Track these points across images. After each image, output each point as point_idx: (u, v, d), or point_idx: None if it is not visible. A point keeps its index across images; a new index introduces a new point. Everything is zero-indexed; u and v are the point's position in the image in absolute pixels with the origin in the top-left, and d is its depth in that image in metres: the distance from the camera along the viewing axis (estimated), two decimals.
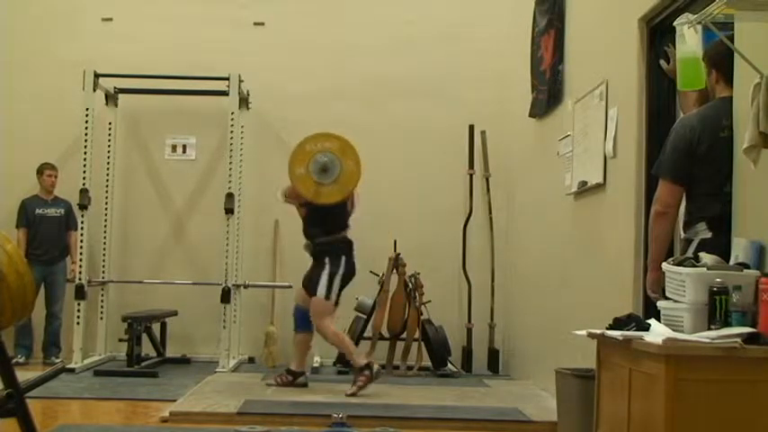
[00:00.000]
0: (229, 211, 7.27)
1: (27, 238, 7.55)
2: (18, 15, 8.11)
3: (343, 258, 6.07)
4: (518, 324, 7.39)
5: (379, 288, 7.23)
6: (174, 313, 7.72)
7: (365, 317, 7.25)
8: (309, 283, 6.08)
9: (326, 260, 6.03)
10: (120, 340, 7.04)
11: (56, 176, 7.69)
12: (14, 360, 6.67)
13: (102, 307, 7.68)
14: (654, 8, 4.47)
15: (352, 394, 5.79)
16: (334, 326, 6.11)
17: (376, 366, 5.99)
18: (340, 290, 6.05)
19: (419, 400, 5.74)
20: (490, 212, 7.98)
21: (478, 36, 8.03)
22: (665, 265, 3.24)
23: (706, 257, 3.13)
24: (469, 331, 7.73)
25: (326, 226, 6.12)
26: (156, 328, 7.54)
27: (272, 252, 8.06)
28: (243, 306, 7.83)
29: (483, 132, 7.98)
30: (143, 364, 7.05)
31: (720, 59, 3.45)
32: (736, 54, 3.30)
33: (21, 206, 7.67)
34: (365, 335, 7.23)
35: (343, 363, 6.78)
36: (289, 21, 8.18)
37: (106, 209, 7.78)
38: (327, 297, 5.99)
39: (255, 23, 8.19)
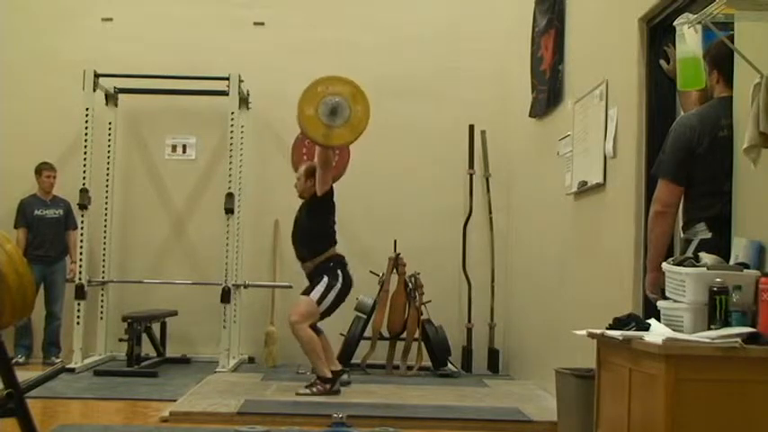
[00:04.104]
0: (229, 211, 7.27)
1: (26, 238, 7.55)
2: (18, 15, 8.11)
3: (340, 272, 6.02)
4: (518, 324, 7.39)
5: (379, 288, 7.23)
6: (174, 313, 7.72)
7: (365, 317, 7.25)
8: (306, 290, 6.03)
9: (325, 276, 5.97)
10: (120, 340, 7.04)
11: (54, 177, 7.69)
12: (14, 360, 6.68)
13: (102, 307, 7.68)
14: (654, 8, 4.47)
15: (302, 394, 5.80)
16: (309, 329, 5.96)
17: (339, 384, 5.96)
18: (333, 303, 5.98)
19: (419, 400, 5.74)
20: (490, 212, 7.98)
21: (478, 36, 8.03)
22: (664, 265, 3.24)
23: (706, 257, 3.13)
24: (469, 331, 7.73)
25: (317, 244, 6.07)
26: (156, 328, 7.54)
27: (272, 252, 8.06)
28: (243, 306, 7.83)
29: (483, 132, 7.98)
30: (143, 364, 7.05)
31: (721, 59, 3.45)
32: (736, 54, 3.30)
33: (19, 206, 7.67)
34: (365, 335, 7.24)
35: (344, 362, 6.76)
36: (289, 21, 8.18)
37: (106, 209, 7.78)
38: (319, 303, 5.92)
39: (255, 23, 8.19)
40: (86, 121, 7.33)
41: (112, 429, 4.91)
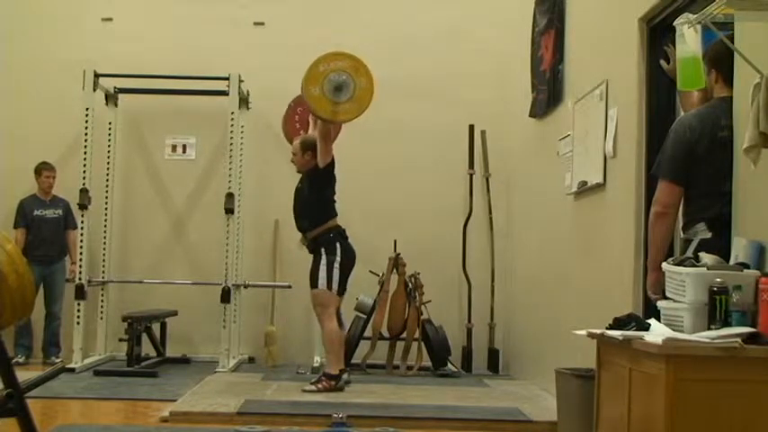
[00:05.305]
0: (229, 211, 7.27)
1: (25, 238, 7.54)
2: (18, 15, 8.10)
3: (338, 246, 6.05)
4: (518, 324, 7.39)
5: (379, 288, 7.23)
6: (174, 313, 7.72)
7: (365, 317, 7.26)
8: (310, 277, 6.07)
9: (322, 250, 6.03)
10: (120, 340, 7.04)
11: (54, 177, 7.69)
12: (14, 360, 6.68)
13: (102, 307, 7.68)
14: (654, 8, 4.47)
15: (307, 391, 5.85)
16: (336, 323, 6.10)
17: (343, 381, 6.01)
18: (342, 279, 6.04)
19: (419, 400, 5.74)
20: (490, 212, 7.98)
21: (478, 36, 8.03)
22: (664, 265, 3.24)
23: (706, 257, 3.13)
24: (469, 331, 7.73)
25: (317, 215, 6.11)
26: (156, 328, 7.54)
27: (272, 252, 8.06)
28: (243, 306, 7.83)
29: (483, 132, 7.98)
30: (143, 364, 7.05)
31: (720, 59, 3.45)
32: (736, 54, 3.30)
33: (19, 206, 7.67)
34: (365, 335, 7.24)
35: (344, 362, 6.76)
36: (289, 21, 8.17)
37: (106, 209, 7.78)
38: (329, 287, 5.98)
39: (255, 23, 8.19)
40: (86, 121, 7.33)
41: (112, 429, 4.90)
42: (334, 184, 6.19)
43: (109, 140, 7.84)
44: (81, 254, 7.33)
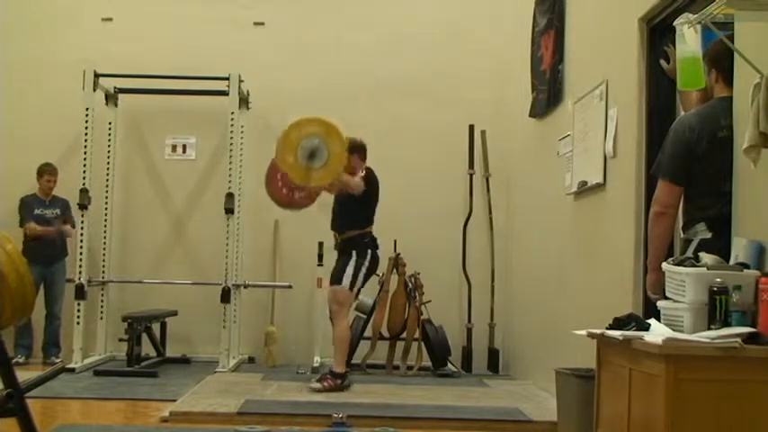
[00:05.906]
0: (229, 211, 7.27)
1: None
2: (18, 15, 8.11)
3: (370, 252, 6.17)
4: (518, 324, 7.39)
5: (379, 288, 7.23)
6: (174, 313, 7.72)
7: (365, 317, 7.26)
8: (335, 274, 6.15)
9: (353, 252, 6.12)
10: (120, 340, 7.04)
11: (55, 181, 7.68)
12: (14, 360, 6.68)
13: (102, 307, 7.68)
14: (654, 8, 4.48)
15: (313, 389, 5.89)
16: (347, 323, 6.20)
17: (348, 381, 6.06)
18: (363, 282, 6.18)
19: (419, 400, 5.74)
20: (490, 212, 7.98)
21: (478, 36, 8.04)
22: (664, 265, 3.24)
23: (706, 257, 3.13)
24: (469, 331, 7.73)
25: (356, 219, 6.20)
26: (156, 328, 7.54)
27: (272, 252, 8.06)
28: (243, 306, 7.83)
29: (483, 132, 7.98)
30: (143, 364, 7.05)
31: (720, 59, 3.46)
32: (736, 54, 3.30)
33: (21, 204, 7.64)
34: (365, 335, 7.24)
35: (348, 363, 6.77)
36: (289, 21, 8.18)
37: (106, 209, 7.78)
38: (351, 288, 6.10)
39: (255, 23, 8.19)
40: (86, 121, 7.33)
41: (112, 429, 4.91)
42: (378, 194, 6.32)
43: (109, 140, 7.84)
44: (81, 254, 7.33)
